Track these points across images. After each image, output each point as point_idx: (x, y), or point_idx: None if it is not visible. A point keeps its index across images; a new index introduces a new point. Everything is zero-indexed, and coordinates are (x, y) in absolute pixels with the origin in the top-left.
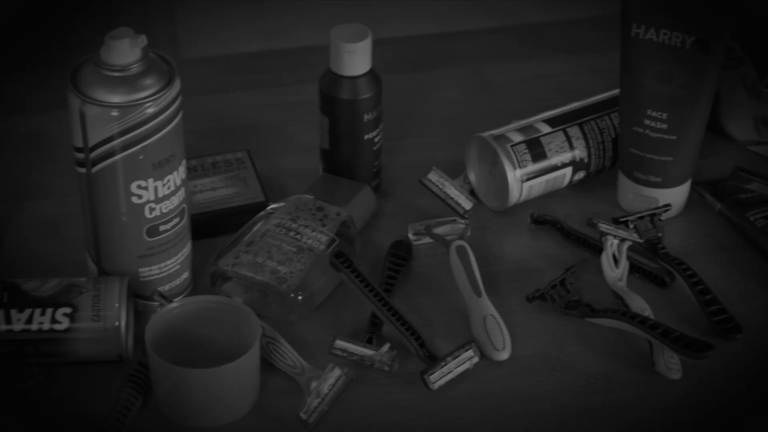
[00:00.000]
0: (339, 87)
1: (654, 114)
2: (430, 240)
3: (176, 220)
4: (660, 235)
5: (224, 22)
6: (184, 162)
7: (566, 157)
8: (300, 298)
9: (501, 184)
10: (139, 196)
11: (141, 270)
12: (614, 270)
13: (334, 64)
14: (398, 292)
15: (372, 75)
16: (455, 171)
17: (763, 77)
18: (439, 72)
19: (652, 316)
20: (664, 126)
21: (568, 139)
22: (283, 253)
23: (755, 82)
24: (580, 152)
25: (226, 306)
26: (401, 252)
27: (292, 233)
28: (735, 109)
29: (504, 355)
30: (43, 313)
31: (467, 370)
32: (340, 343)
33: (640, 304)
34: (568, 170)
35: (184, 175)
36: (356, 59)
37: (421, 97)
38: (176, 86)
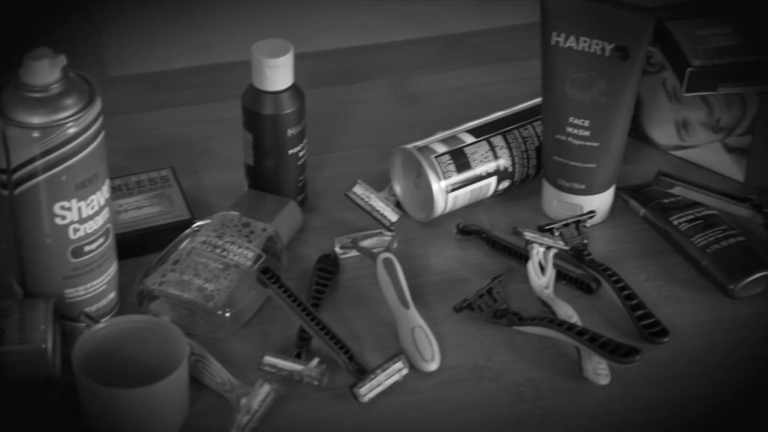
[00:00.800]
0: (262, 102)
1: (576, 121)
2: (357, 253)
3: (101, 240)
4: (585, 241)
5: (150, 39)
6: (107, 181)
7: (490, 166)
8: (227, 315)
9: (426, 196)
10: (63, 217)
11: (67, 291)
12: (541, 278)
13: (256, 80)
14: (326, 306)
15: (294, 89)
16: (381, 183)
17: (683, 82)
18: (364, 84)
19: (579, 323)
20: (587, 133)
21: (492, 148)
22: (209, 271)
23: (675, 87)
24: (504, 161)
25: (153, 325)
26: (328, 266)
27: (218, 250)
28: (657, 114)
29: (433, 365)
30: None
31: (397, 382)
32: (269, 359)
33: (567, 311)
34: (493, 180)
35: (108, 195)
36: (278, 74)
37: (345, 110)
38: (97, 106)
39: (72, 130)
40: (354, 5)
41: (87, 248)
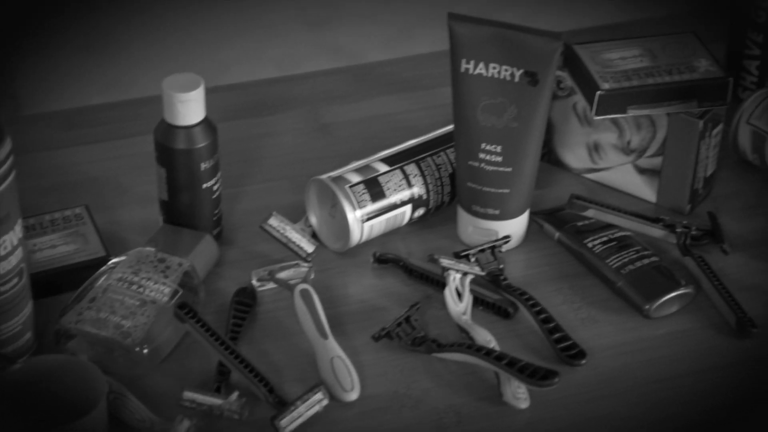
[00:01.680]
0: (174, 137)
1: (488, 147)
2: (274, 285)
3: (15, 280)
4: (501, 266)
5: (64, 76)
6: (20, 221)
7: (405, 194)
8: (145, 351)
9: (342, 226)
10: None
11: None
12: (458, 304)
13: (168, 115)
14: (245, 339)
15: (207, 123)
16: (296, 215)
17: (592, 105)
18: (277, 116)
19: (497, 348)
20: (499, 159)
21: (406, 177)
22: (126, 307)
23: (586, 110)
24: (418, 189)
25: (70, 364)
26: (246, 299)
27: (134, 287)
28: (568, 137)
29: (353, 395)
30: None
31: (317, 412)
32: (188, 394)
33: (485, 336)
34: (408, 208)
35: (21, 234)
36: (189, 108)
37: (259, 142)
38: (7, 145)
39: None
40: (267, 37)
41: (1, 289)
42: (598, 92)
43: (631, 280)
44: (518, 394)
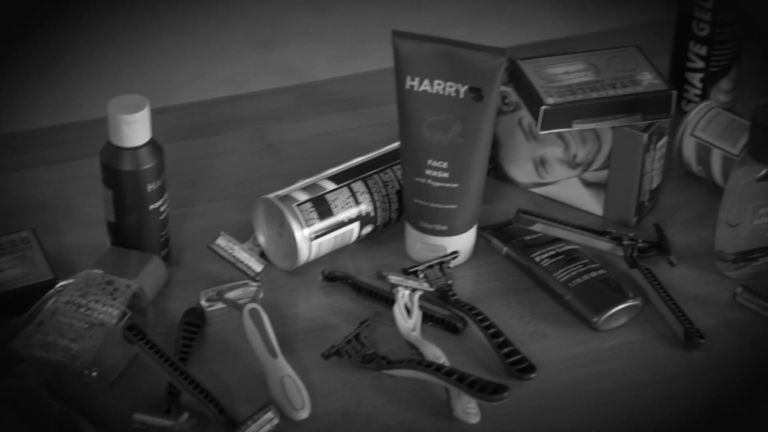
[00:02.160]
0: (120, 159)
1: (435, 164)
2: (223, 305)
3: None
4: (450, 282)
5: (9, 99)
6: None
7: (352, 212)
8: (94, 374)
9: (290, 244)
10: None
11: None
12: (407, 320)
13: (113, 136)
14: (194, 359)
15: (153, 144)
16: (245, 234)
17: (537, 120)
18: (224, 136)
19: (447, 363)
20: (446, 175)
21: (353, 194)
22: (74, 330)
23: (531, 125)
24: (366, 206)
25: (18, 388)
26: (195, 319)
27: (82, 309)
28: (515, 152)
29: (303, 414)
30: None
31: None
32: (138, 417)
33: (434, 352)
34: (356, 225)
35: None
36: (135, 130)
37: (207, 162)
38: None
39: None
40: (215, 58)
41: None
42: (543, 107)
43: (579, 293)
44: (468, 409)
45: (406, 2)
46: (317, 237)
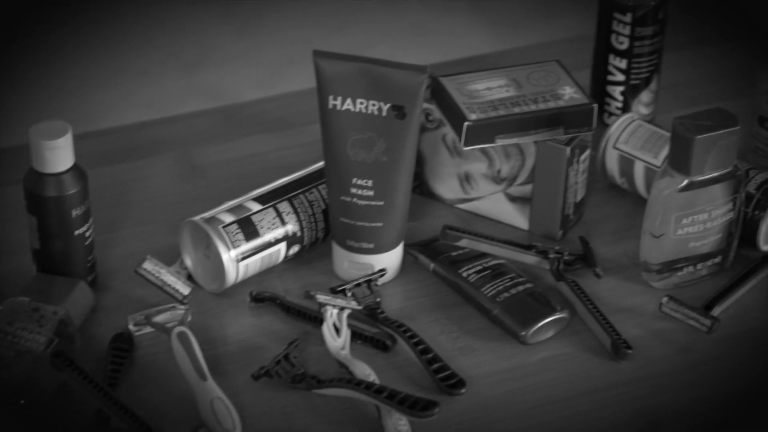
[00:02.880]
0: (43, 185)
1: (359, 182)
2: (152, 329)
3: None
4: (378, 300)
5: None
6: None
7: (279, 232)
8: (22, 402)
9: (217, 266)
10: None
11: None
12: (336, 339)
13: (36, 163)
14: (124, 384)
15: (76, 170)
16: (171, 257)
17: (461, 136)
18: (149, 160)
19: (377, 381)
20: (371, 193)
21: (279, 214)
22: (1, 359)
23: (455, 141)
24: (292, 227)
25: None
26: (123, 344)
27: (9, 337)
28: (439, 169)
29: None
30: None
31: None
32: None
33: (364, 370)
34: (282, 245)
35: None
36: (58, 156)
37: (132, 186)
38: None
39: None
40: (140, 81)
41: None
42: (466, 123)
43: (506, 307)
44: (400, 426)
45: (330, 22)
46: (244, 258)
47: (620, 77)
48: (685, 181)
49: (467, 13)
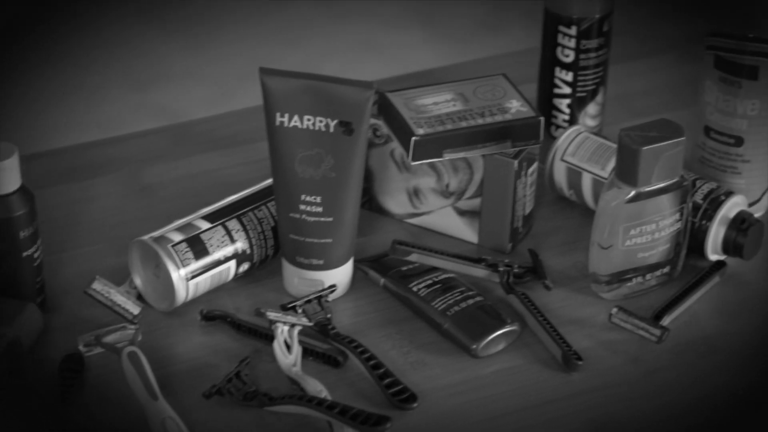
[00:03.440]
0: None
1: (308, 198)
2: (102, 349)
3: None
4: (329, 316)
5: None
6: None
7: (228, 250)
8: None
9: (166, 285)
10: None
11: None
12: (288, 356)
13: None
14: (74, 405)
15: (23, 191)
16: (121, 277)
17: (409, 151)
18: (98, 179)
19: (329, 397)
20: (320, 209)
21: (228, 232)
22: None
23: (403, 156)
24: (241, 244)
25: None
26: (73, 365)
27: None
28: (388, 184)
29: None
30: None
31: None
32: None
33: (316, 387)
34: (232, 263)
35: None
36: (4, 177)
37: (81, 207)
38: None
39: None
40: (91, 101)
41: None
42: (414, 138)
43: (457, 321)
44: None
45: (281, 39)
46: (194, 277)
47: (566, 90)
48: (632, 193)
49: (416, 28)
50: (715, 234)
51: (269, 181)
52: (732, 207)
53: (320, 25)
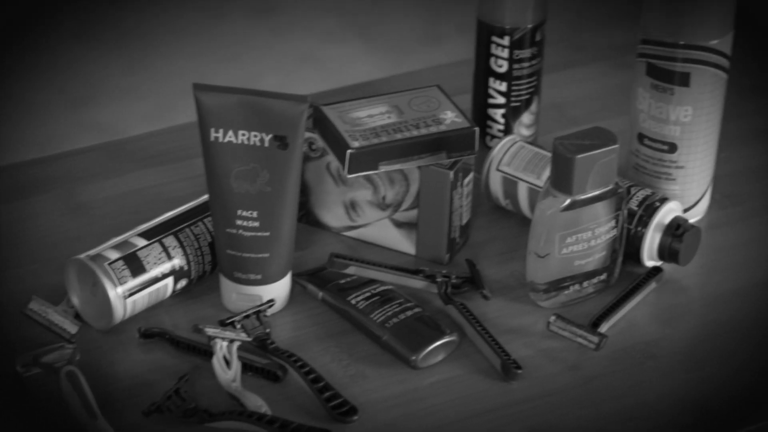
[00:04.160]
0: None
1: (245, 213)
2: (40, 370)
3: None
4: (268, 330)
5: None
6: None
7: (165, 267)
8: None
9: (104, 304)
10: None
11: None
12: (227, 372)
13: None
14: (12, 426)
15: None
16: (59, 296)
17: (344, 164)
18: (33, 199)
19: (269, 412)
20: (256, 224)
21: (165, 249)
22: None
23: (339, 169)
24: (179, 261)
25: None
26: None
27: None
28: (325, 197)
29: None
30: None
31: None
32: None
33: (256, 402)
34: (170, 280)
35: None
36: None
37: (16, 227)
38: None
39: None
40: (28, 119)
41: None
42: (349, 151)
43: (395, 332)
44: None
45: (219, 55)
46: (131, 294)
47: (501, 100)
48: (568, 201)
49: (354, 41)
50: (651, 240)
51: (205, 197)
52: (667, 213)
53: (259, 40)
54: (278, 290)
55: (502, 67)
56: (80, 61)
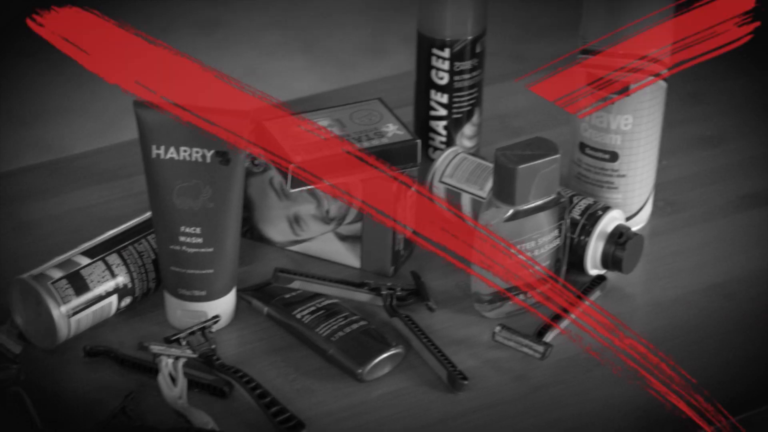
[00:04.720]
0: None
1: (188, 230)
2: None
3: None
4: (213, 347)
5: None
6: None
7: (109, 285)
8: None
9: (48, 323)
10: None
11: None
12: (173, 389)
13: None
14: None
15: None
16: (2, 316)
17: (287, 179)
18: None
19: (216, 428)
20: (200, 240)
21: (109, 267)
22: None
23: (282, 184)
24: (122, 279)
25: None
26: None
27: None
28: (268, 212)
29: None
30: None
31: None
32: None
33: (202, 419)
34: (114, 298)
35: None
36: None
37: None
38: None
39: None
40: None
41: None
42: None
43: (341, 346)
44: None
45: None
46: (75, 313)
47: (442, 112)
48: (510, 211)
49: (298, 55)
50: (594, 249)
51: (148, 214)
52: (609, 221)
53: (203, 54)
54: (223, 306)
55: (443, 79)
56: (24, 79)
